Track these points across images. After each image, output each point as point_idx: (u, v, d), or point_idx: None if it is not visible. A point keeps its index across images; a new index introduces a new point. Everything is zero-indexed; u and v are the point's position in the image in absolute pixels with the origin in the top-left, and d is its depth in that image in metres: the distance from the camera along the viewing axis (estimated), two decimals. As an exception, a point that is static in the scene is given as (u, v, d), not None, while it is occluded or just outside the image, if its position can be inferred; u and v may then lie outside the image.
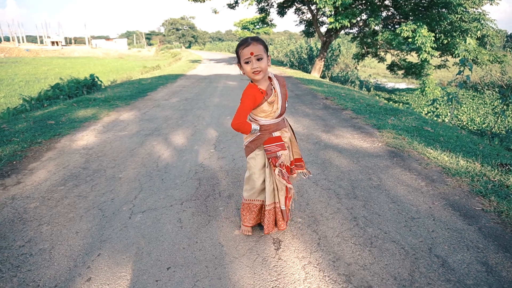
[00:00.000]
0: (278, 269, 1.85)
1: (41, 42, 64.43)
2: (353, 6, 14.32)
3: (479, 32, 13.14)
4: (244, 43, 1.80)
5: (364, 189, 2.82)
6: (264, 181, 2.01)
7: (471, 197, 2.65)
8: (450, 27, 13.66)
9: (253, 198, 2.07)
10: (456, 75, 7.24)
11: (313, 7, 16.45)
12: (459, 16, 12.95)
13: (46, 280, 1.76)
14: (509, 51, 19.80)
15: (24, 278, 1.77)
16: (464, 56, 10.77)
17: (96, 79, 9.77)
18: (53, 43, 60.24)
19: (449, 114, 11.71)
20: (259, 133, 1.96)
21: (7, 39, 65.49)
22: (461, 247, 2.01)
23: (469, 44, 7.28)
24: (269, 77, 1.93)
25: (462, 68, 7.11)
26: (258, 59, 1.79)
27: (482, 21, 13.34)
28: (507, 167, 3.20)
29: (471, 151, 3.78)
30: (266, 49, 1.84)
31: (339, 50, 25.81)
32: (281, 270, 1.84)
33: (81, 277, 1.78)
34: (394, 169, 3.26)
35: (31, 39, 76.51)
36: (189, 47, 79.24)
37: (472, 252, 1.96)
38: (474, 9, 13.24)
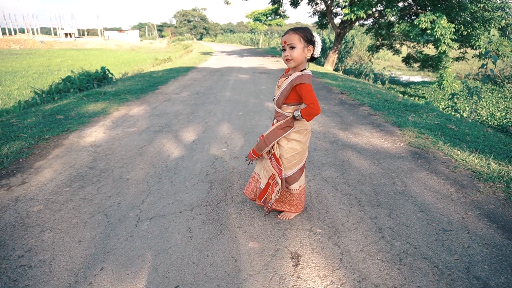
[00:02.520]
0: (297, 290, 1.66)
1: (55, 33, 65.01)
2: (369, -4, 13.83)
3: (503, 21, 12.51)
4: (285, 32, 1.92)
5: (388, 195, 2.60)
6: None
7: (508, 206, 2.41)
8: (470, 17, 13.08)
9: None
10: (479, 68, 6.88)
11: (327, -2, 16.01)
12: (482, 5, 12.34)
13: (44, 297, 1.61)
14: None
15: (21, 295, 1.63)
16: (486, 48, 10.27)
17: (107, 72, 9.67)
18: (66, 35, 60.74)
19: (467, 108, 11.28)
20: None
21: (22, 31, 66.29)
22: (504, 267, 1.79)
23: (493, 35, 6.87)
24: (301, 71, 1.93)
25: (485, 61, 6.74)
26: (291, 47, 1.87)
27: (508, 10, 12.70)
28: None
29: (502, 153, 3.51)
30: (307, 40, 1.88)
31: (353, 42, 25.27)
32: (301, 291, 1.66)
33: (82, 295, 1.63)
34: (419, 172, 3.03)
35: (45, 30, 77.34)
36: (201, 39, 78.92)
37: (517, 274, 1.74)
38: (497, -1, 12.62)
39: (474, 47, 13.55)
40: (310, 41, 1.88)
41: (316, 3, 18.39)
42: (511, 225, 2.18)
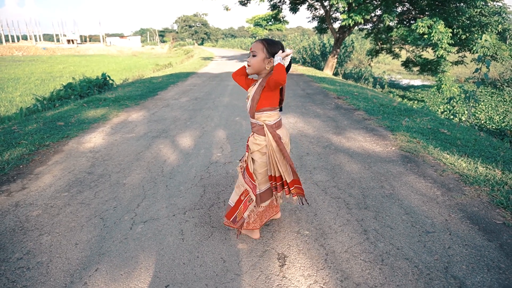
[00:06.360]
0: (282, 289, 1.74)
1: (58, 40, 65.53)
2: (367, 2, 13.97)
3: (500, 26, 12.62)
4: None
5: (376, 199, 2.68)
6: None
7: (491, 209, 2.49)
8: (468, 22, 13.19)
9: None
10: (473, 73, 6.97)
11: (326, 3, 16.17)
12: (479, 10, 12.45)
13: (41, 297, 1.70)
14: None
15: (19, 295, 1.72)
16: (482, 52, 10.34)
17: (108, 78, 9.81)
18: (69, 41, 61.19)
19: (466, 112, 11.34)
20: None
21: (24, 37, 66.86)
22: (481, 267, 1.87)
23: (485, 41, 6.95)
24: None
25: (479, 66, 6.83)
26: (253, 55, 1.92)
27: (504, 15, 12.81)
28: (530, 174, 3.01)
29: (490, 156, 3.59)
30: (269, 52, 1.87)
31: (353, 46, 25.40)
32: (285, 290, 1.74)
33: (77, 295, 1.71)
34: (408, 176, 3.11)
35: (48, 37, 77.99)
36: (202, 44, 79.42)
37: (493, 273, 1.82)
38: (495, 3, 12.72)
39: (472, 52, 13.65)
40: (270, 53, 1.87)
41: (315, 9, 18.53)
42: (492, 227, 2.26)
